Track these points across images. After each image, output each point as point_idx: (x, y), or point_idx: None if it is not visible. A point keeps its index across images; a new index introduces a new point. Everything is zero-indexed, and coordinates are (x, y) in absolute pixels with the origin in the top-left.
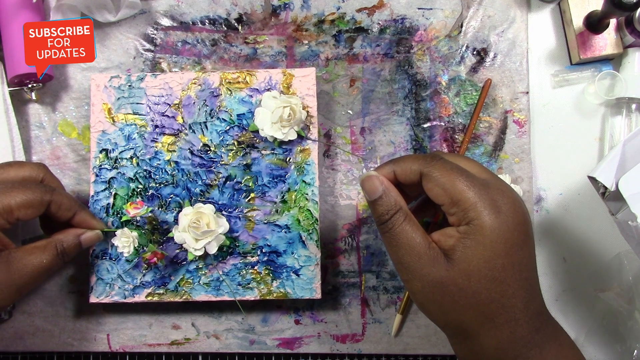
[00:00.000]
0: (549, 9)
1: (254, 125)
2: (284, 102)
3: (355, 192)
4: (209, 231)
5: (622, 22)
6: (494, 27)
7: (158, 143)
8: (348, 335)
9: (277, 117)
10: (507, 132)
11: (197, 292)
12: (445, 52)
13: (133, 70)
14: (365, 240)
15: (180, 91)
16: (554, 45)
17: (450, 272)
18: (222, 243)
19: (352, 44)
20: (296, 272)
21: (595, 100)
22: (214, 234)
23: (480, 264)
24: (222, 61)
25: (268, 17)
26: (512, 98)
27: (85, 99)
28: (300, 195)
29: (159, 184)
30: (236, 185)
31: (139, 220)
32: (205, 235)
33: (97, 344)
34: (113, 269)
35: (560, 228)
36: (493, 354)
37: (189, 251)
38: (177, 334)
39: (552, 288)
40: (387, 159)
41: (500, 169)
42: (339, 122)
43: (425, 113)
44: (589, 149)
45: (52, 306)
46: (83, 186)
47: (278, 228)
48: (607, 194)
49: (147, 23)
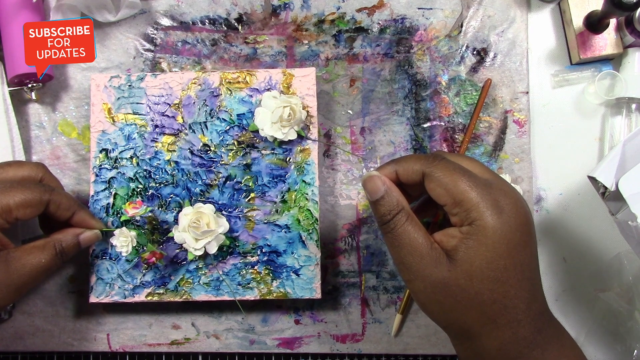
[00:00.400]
0: (549, 9)
1: (254, 125)
2: (284, 102)
3: (355, 192)
4: (209, 231)
5: (622, 22)
6: (494, 27)
7: (158, 143)
8: (348, 335)
9: (277, 117)
10: (507, 132)
11: (197, 292)
12: (445, 52)
13: (133, 70)
14: (365, 240)
15: (180, 91)
16: (554, 45)
17: (453, 272)
18: (222, 243)
19: (352, 44)
20: (296, 272)
21: (595, 100)
22: (214, 234)
23: (483, 265)
24: (222, 61)
25: (268, 17)
26: (512, 98)
27: (85, 99)
28: (300, 195)
29: (159, 183)
30: (236, 185)
31: (139, 220)
32: (205, 235)
33: (97, 344)
34: (113, 269)
35: (560, 228)
36: (495, 355)
37: (189, 251)
38: (177, 334)
39: (552, 288)
40: (387, 159)
41: (500, 169)
42: (339, 122)
43: (425, 113)
44: (589, 149)
45: (52, 306)
46: (83, 186)
47: (278, 228)
48: (607, 194)
49: (147, 23)
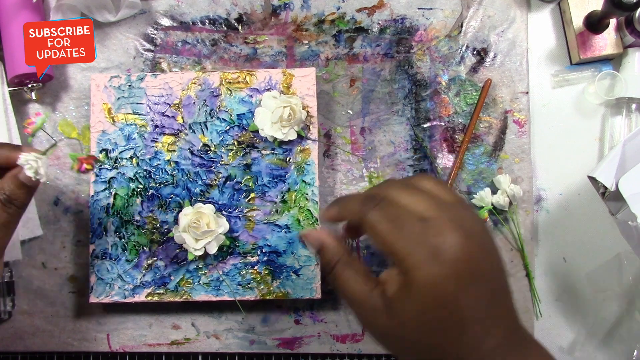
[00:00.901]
0: (549, 9)
1: (254, 125)
2: (284, 102)
3: (356, 192)
4: (209, 231)
5: (622, 22)
6: (494, 27)
7: (158, 143)
8: (348, 335)
9: (277, 117)
10: (507, 132)
11: (197, 292)
12: (445, 52)
13: (133, 70)
14: (365, 240)
15: (180, 91)
16: (554, 45)
17: (389, 322)
18: (222, 243)
19: (352, 44)
20: (296, 272)
21: (595, 100)
22: (214, 234)
23: (416, 317)
24: (222, 61)
25: (268, 17)
26: (512, 98)
27: (85, 99)
28: (300, 195)
29: (159, 184)
30: (236, 185)
31: (139, 220)
32: (205, 235)
33: (97, 344)
34: (113, 269)
35: (560, 228)
36: None
37: (189, 251)
38: (177, 334)
39: (552, 288)
40: (387, 159)
41: (500, 169)
42: (339, 122)
43: (425, 113)
44: (589, 149)
45: (52, 306)
46: (83, 186)
47: (278, 228)
48: (607, 194)
49: (147, 23)
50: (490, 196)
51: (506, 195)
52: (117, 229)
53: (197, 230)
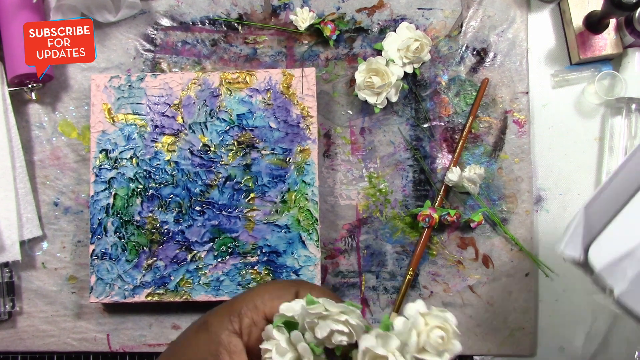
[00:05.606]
0: (549, 9)
1: (380, 44)
2: (417, 36)
3: (355, 193)
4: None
5: (622, 22)
6: (494, 27)
7: (158, 143)
8: None
9: (405, 45)
10: (507, 132)
11: (197, 292)
12: (445, 52)
13: (133, 70)
14: (365, 240)
15: (180, 91)
16: (553, 45)
17: None
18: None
19: (352, 44)
20: (296, 272)
21: (595, 100)
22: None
23: None
24: (222, 61)
25: (268, 17)
26: (512, 98)
27: (85, 99)
28: (300, 195)
29: (159, 184)
30: (236, 185)
31: (139, 220)
32: (383, 88)
33: (97, 344)
34: (113, 269)
35: (560, 228)
36: None
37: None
38: (177, 334)
39: (552, 288)
40: (387, 159)
41: (500, 169)
42: (339, 122)
43: (425, 113)
44: (589, 149)
45: (52, 306)
46: (83, 186)
47: (278, 228)
48: (594, 276)
49: (147, 23)
50: None
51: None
52: (117, 229)
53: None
